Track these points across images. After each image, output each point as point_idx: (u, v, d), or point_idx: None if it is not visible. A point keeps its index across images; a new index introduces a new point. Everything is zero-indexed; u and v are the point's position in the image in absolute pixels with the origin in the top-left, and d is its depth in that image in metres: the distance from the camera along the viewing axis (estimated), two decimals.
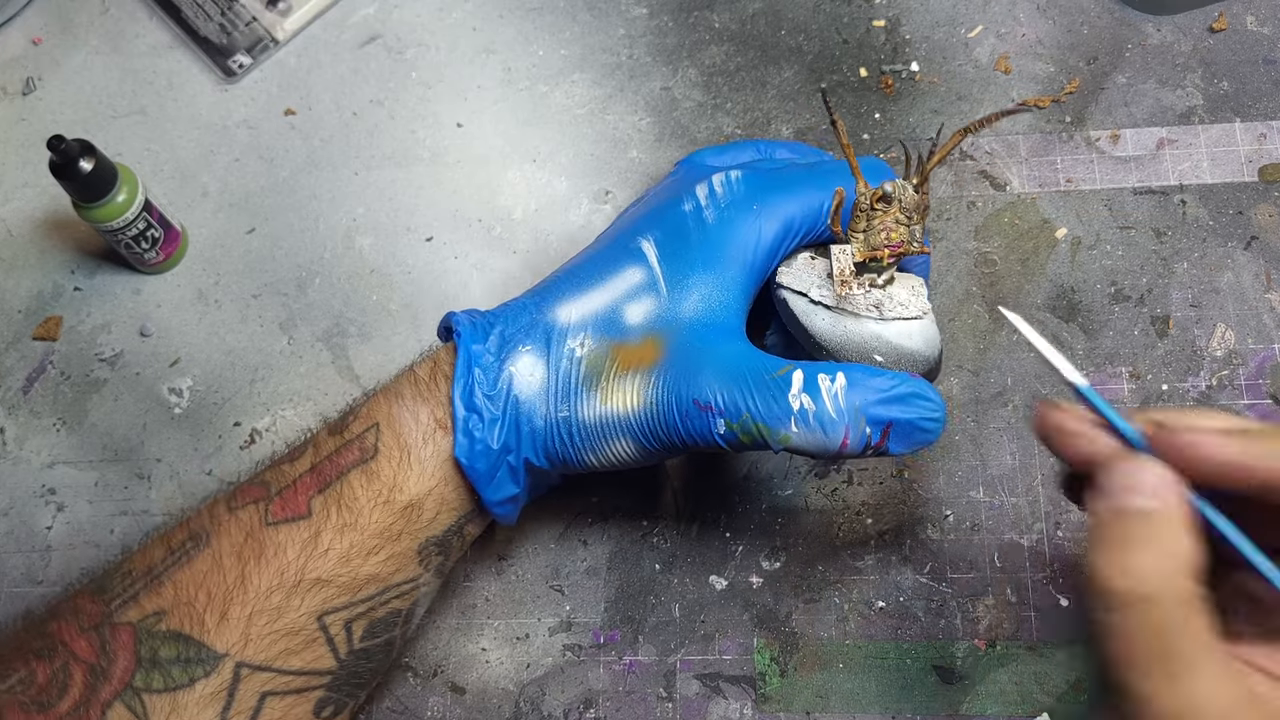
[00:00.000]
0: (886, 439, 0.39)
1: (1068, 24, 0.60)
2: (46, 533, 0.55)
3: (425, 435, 0.42)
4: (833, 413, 0.38)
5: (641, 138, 0.60)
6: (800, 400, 0.38)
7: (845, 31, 0.61)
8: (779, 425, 0.39)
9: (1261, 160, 0.55)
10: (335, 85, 0.62)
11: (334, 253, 0.59)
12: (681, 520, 0.52)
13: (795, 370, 0.39)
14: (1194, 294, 0.53)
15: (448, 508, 0.43)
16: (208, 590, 0.40)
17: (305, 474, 0.42)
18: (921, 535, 0.51)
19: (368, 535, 0.41)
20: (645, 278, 0.43)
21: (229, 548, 0.40)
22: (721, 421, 0.40)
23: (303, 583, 0.40)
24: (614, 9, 0.62)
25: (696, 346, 0.41)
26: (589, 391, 0.42)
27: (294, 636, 0.40)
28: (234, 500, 0.42)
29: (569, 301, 0.44)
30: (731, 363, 0.40)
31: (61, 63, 0.64)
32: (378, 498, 0.41)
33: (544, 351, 0.43)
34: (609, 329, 0.43)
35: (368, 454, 0.42)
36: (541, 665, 0.50)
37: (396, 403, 0.43)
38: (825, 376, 0.39)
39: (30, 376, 0.58)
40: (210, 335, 0.58)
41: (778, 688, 0.49)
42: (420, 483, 0.42)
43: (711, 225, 0.44)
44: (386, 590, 0.42)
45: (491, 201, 0.59)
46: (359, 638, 0.42)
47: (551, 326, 0.43)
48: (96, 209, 0.54)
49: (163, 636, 0.39)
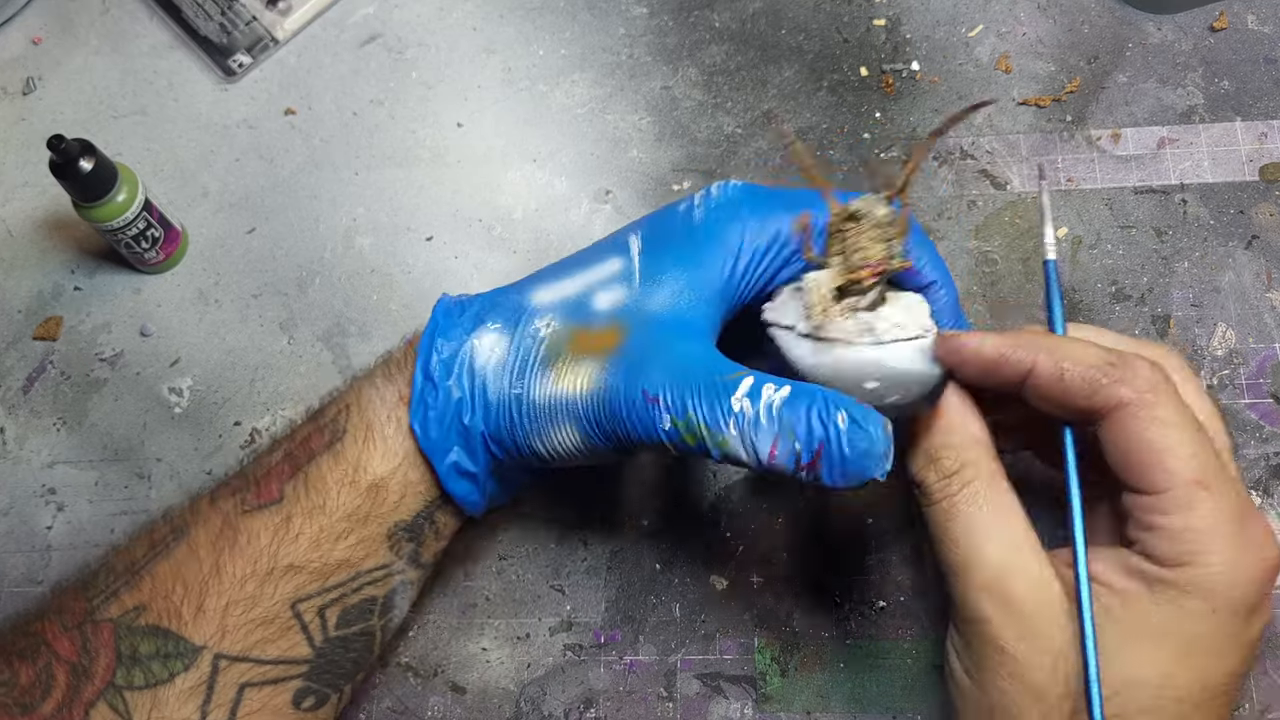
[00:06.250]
0: (819, 460, 0.36)
1: (1068, 23, 0.59)
2: (47, 533, 0.55)
3: (389, 412, 0.42)
4: (764, 420, 0.37)
5: (642, 137, 0.60)
6: (741, 403, 0.37)
7: (846, 31, 0.61)
8: (718, 428, 0.37)
9: (1262, 159, 0.55)
10: (335, 85, 0.62)
11: (334, 253, 0.59)
12: (682, 520, 0.52)
13: (746, 376, 0.38)
14: (1195, 293, 0.53)
15: (413, 490, 0.43)
16: (184, 581, 0.40)
17: (280, 461, 0.43)
18: (922, 535, 0.50)
19: (336, 518, 0.41)
20: (622, 268, 0.43)
21: (205, 538, 0.41)
22: (667, 417, 0.38)
23: (275, 570, 0.40)
24: (614, 9, 0.62)
25: (657, 340, 0.40)
26: (544, 370, 0.41)
27: (269, 625, 0.40)
28: (217, 493, 0.43)
29: (546, 286, 0.44)
30: (687, 360, 0.39)
31: (61, 63, 0.64)
32: (344, 478, 0.42)
33: (510, 329, 0.43)
34: (575, 313, 0.43)
35: (337, 435, 0.42)
36: (542, 665, 0.50)
37: (368, 384, 0.44)
38: (771, 385, 0.37)
39: (30, 376, 0.58)
40: (210, 335, 0.58)
41: (778, 687, 0.49)
42: (384, 461, 0.42)
43: (696, 225, 0.43)
44: (358, 576, 0.42)
45: (491, 201, 0.59)
46: (334, 625, 0.42)
47: (523, 307, 0.43)
48: (96, 209, 0.54)
49: (142, 632, 0.39)
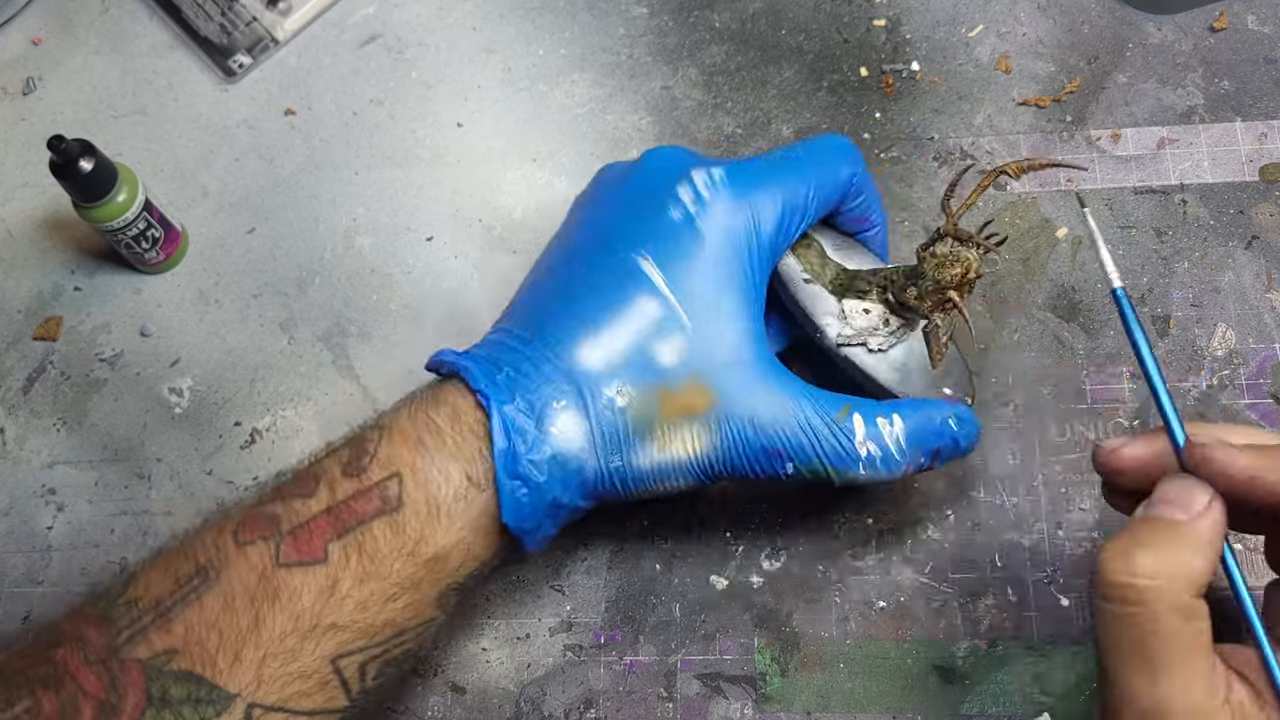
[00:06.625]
0: (935, 459, 0.44)
1: (1068, 23, 0.59)
2: (47, 533, 0.55)
3: (457, 494, 0.41)
4: (896, 455, 0.43)
5: (642, 137, 0.59)
6: (867, 447, 0.43)
7: (846, 31, 0.61)
8: (847, 468, 0.43)
9: (1262, 160, 0.55)
10: (335, 85, 0.62)
11: (334, 253, 0.59)
12: (682, 520, 0.52)
13: (854, 414, 0.43)
14: (1195, 293, 0.53)
15: (473, 558, 0.42)
16: (220, 631, 0.39)
17: (320, 515, 0.41)
18: (922, 535, 0.50)
19: (389, 584, 0.40)
20: (661, 310, 0.43)
21: (240, 588, 0.39)
22: (790, 465, 0.43)
23: (318, 628, 0.39)
24: (614, 9, 0.62)
25: (744, 385, 0.43)
26: (642, 441, 0.42)
27: (307, 679, 0.39)
28: (241, 532, 0.41)
29: (587, 342, 0.43)
30: (789, 405, 0.43)
31: (61, 63, 0.64)
32: (401, 549, 0.40)
33: (580, 405, 0.42)
34: (645, 373, 0.42)
35: (390, 504, 0.41)
36: (542, 665, 0.50)
37: (420, 454, 0.41)
38: (884, 421, 0.43)
39: (30, 376, 0.58)
40: (210, 335, 0.58)
41: (778, 688, 0.49)
42: (448, 536, 0.41)
43: (707, 236, 0.43)
44: (404, 634, 0.41)
45: (491, 201, 0.59)
46: (372, 677, 0.41)
47: (579, 375, 0.42)
48: (96, 209, 0.54)
49: (173, 676, 0.38)
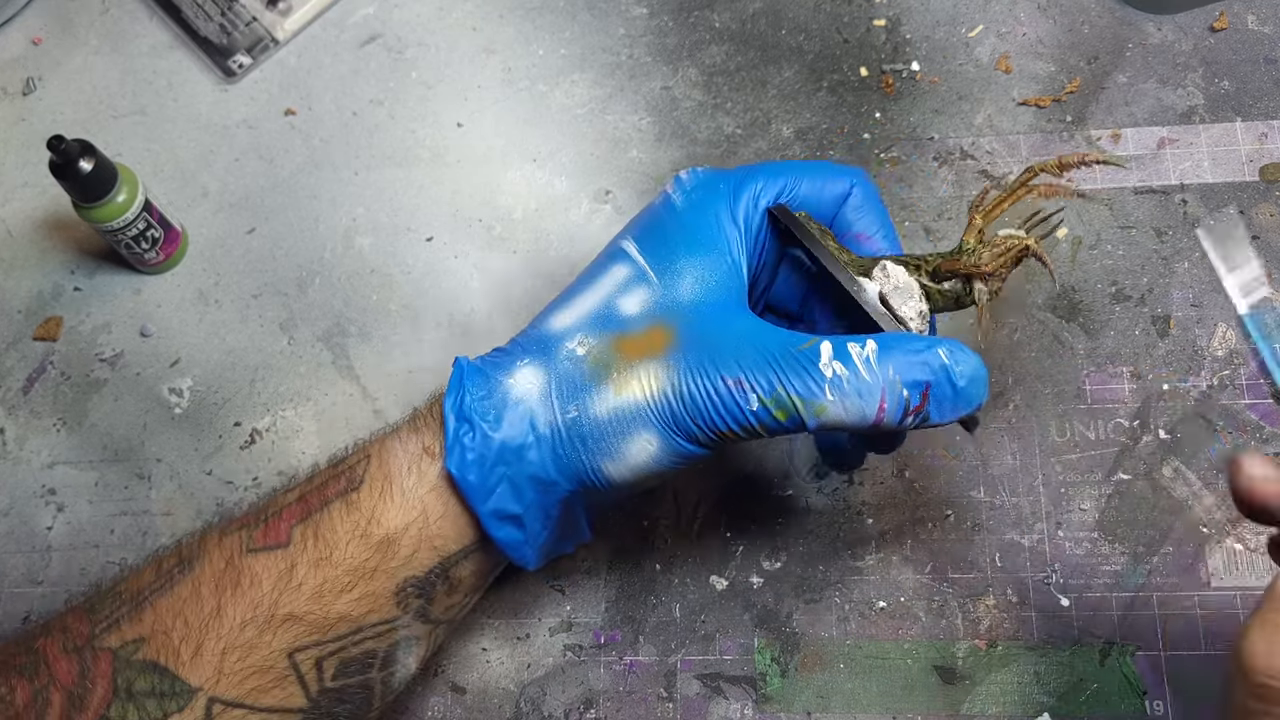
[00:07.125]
0: (926, 402, 0.38)
1: (1068, 23, 0.59)
2: (47, 533, 0.55)
3: (410, 462, 0.40)
4: (867, 376, 0.37)
5: (641, 137, 0.60)
6: (833, 368, 0.37)
7: (846, 31, 0.61)
8: (814, 396, 0.38)
9: (1262, 160, 0.55)
10: (335, 85, 0.62)
11: (334, 253, 0.59)
12: (682, 520, 0.52)
13: (822, 341, 0.38)
14: (1195, 293, 0.53)
15: (427, 545, 0.41)
16: (185, 619, 0.39)
17: (293, 502, 0.41)
18: (922, 535, 0.50)
19: (341, 571, 0.40)
20: (632, 271, 0.43)
21: (209, 575, 0.40)
22: (754, 397, 0.38)
23: (275, 618, 0.39)
24: (614, 9, 0.62)
25: (708, 327, 0.40)
26: (598, 385, 0.40)
27: (265, 674, 0.39)
28: (227, 526, 0.42)
29: (560, 312, 0.43)
30: (752, 338, 0.39)
31: (61, 63, 0.64)
32: (355, 530, 0.40)
33: (541, 359, 0.41)
34: (607, 324, 0.42)
35: (354, 484, 0.41)
36: (542, 665, 0.50)
37: (391, 434, 0.42)
38: (855, 344, 0.38)
39: (30, 377, 0.58)
40: (210, 335, 0.58)
41: (778, 688, 0.49)
42: (399, 515, 0.40)
43: (682, 209, 0.43)
44: (360, 631, 0.41)
45: (491, 201, 0.59)
46: (330, 675, 0.41)
47: (546, 336, 0.42)
48: (96, 209, 0.54)
49: (139, 666, 0.38)
